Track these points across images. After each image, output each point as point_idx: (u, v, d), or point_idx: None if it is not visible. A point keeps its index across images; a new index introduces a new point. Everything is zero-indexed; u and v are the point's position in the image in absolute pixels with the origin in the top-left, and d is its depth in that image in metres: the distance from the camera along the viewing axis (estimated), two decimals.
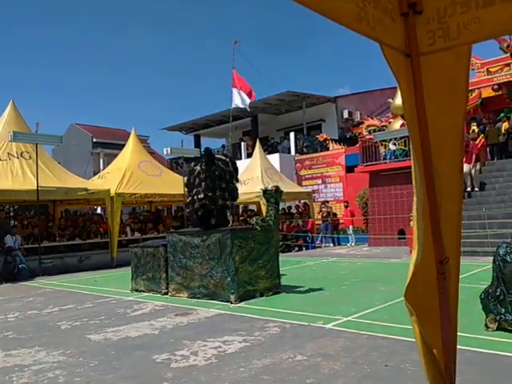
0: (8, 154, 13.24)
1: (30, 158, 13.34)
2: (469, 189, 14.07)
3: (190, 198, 8.25)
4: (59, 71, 79.14)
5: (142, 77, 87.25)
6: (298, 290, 8.06)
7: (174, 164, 26.65)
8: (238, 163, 9.04)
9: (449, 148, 1.70)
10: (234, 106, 19.36)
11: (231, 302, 7.17)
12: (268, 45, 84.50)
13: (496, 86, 16.68)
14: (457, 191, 1.78)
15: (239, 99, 17.50)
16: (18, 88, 71.62)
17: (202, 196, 7.86)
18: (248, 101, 18.37)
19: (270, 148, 24.04)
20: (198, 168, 8.05)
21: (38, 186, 12.41)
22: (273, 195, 8.28)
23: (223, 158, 8.31)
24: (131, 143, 17.47)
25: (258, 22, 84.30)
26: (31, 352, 4.97)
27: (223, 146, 27.40)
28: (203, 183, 7.89)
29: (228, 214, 9.11)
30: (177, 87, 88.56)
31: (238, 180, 8.40)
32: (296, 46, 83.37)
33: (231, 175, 8.11)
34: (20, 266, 11.96)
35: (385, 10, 1.52)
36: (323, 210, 18.46)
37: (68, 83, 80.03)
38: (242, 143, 25.07)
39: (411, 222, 10.06)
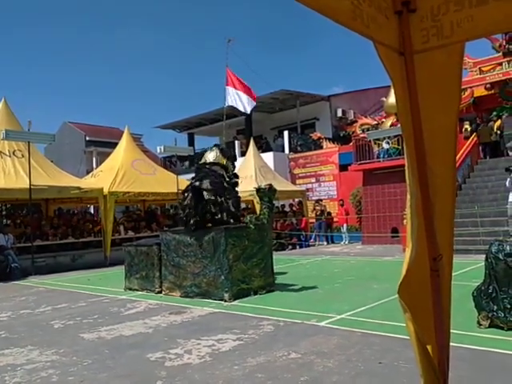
0: (0, 152, 13.16)
1: (23, 156, 13.24)
2: None
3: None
4: (58, 71, 78.41)
5: (141, 76, 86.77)
6: (292, 288, 8.07)
7: (168, 162, 26.55)
8: None
9: (442, 146, 1.71)
10: (227, 105, 19.21)
11: (225, 301, 7.17)
12: (267, 44, 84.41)
13: (488, 85, 16.76)
14: (450, 189, 1.79)
15: (239, 101, 17.04)
16: (16, 87, 70.72)
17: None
18: (250, 104, 17.52)
19: (263, 146, 24.01)
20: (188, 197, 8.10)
21: (30, 185, 12.33)
22: (266, 194, 8.28)
23: (217, 167, 8.21)
24: (124, 141, 17.39)
25: (258, 22, 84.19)
26: (24, 351, 4.95)
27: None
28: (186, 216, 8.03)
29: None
30: (176, 87, 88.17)
31: (231, 189, 8.20)
32: (293, 45, 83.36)
33: (216, 202, 7.91)
34: (12, 265, 11.88)
35: (379, 8, 1.52)
36: (317, 208, 18.50)
37: (66, 83, 79.31)
38: (236, 142, 25.00)
39: (405, 221, 10.10)
